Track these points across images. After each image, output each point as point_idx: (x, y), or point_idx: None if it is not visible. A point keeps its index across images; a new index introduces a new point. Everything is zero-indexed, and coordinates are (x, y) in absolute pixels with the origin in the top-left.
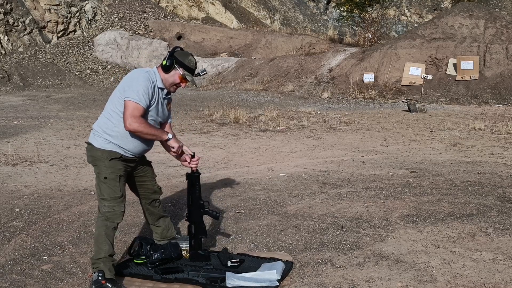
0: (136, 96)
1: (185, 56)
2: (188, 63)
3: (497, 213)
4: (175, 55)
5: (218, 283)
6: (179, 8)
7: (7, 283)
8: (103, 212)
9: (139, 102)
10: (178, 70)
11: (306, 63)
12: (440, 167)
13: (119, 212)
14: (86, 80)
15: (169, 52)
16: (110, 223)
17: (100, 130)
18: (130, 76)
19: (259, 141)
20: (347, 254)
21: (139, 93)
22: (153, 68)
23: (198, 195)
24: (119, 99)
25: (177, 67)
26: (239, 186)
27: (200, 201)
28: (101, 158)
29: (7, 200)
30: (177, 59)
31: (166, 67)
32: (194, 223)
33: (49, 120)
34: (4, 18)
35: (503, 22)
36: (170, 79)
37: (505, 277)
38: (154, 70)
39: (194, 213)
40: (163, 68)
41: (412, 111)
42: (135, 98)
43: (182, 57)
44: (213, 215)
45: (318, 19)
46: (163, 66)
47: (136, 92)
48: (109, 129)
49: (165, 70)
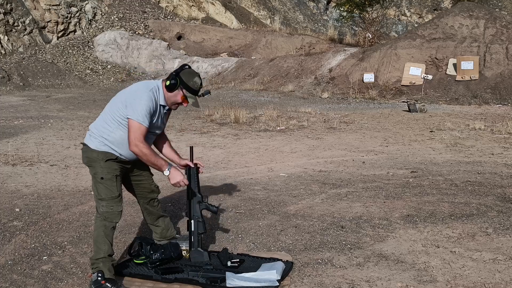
0: (140, 118)
1: (191, 77)
2: (192, 84)
3: (497, 213)
4: (180, 75)
5: (218, 283)
6: (179, 8)
7: (7, 283)
8: (102, 212)
9: (143, 123)
10: (181, 90)
11: (306, 63)
12: (440, 167)
13: (117, 212)
14: (86, 80)
15: (176, 71)
16: (109, 223)
17: (97, 132)
18: (134, 90)
19: (259, 141)
20: (347, 254)
21: (142, 114)
22: (159, 81)
23: (197, 189)
24: (120, 110)
25: (181, 87)
26: (239, 186)
27: (199, 195)
28: (96, 159)
29: (7, 200)
30: (182, 80)
31: (169, 87)
32: (193, 217)
33: (49, 120)
34: (4, 18)
35: (503, 22)
36: (172, 98)
37: (505, 277)
38: (159, 85)
39: (193, 207)
40: (167, 87)
41: (412, 111)
42: (139, 119)
43: (187, 78)
44: (212, 210)
45: (318, 19)
46: (166, 85)
47: (139, 113)
48: (106, 133)
49: (168, 90)
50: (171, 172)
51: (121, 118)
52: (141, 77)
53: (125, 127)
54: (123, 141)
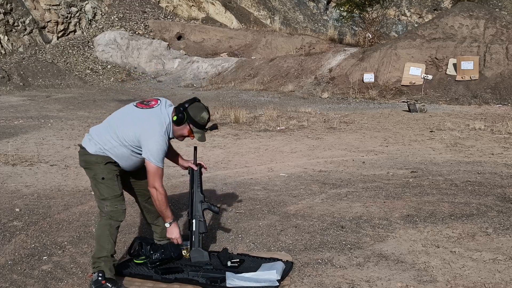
0: (159, 162)
1: (198, 112)
2: (199, 120)
3: (497, 213)
4: (188, 109)
5: (218, 283)
6: (179, 8)
7: (7, 283)
8: (107, 211)
9: (160, 166)
10: (188, 125)
11: (306, 63)
12: (440, 167)
13: (122, 210)
14: (86, 80)
15: (184, 105)
16: (114, 222)
17: (98, 140)
18: (148, 128)
19: (259, 141)
20: (347, 254)
21: (159, 158)
22: (170, 112)
23: (199, 189)
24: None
25: (188, 122)
26: (239, 186)
27: (201, 195)
28: (95, 162)
29: (7, 200)
30: (189, 115)
31: (176, 121)
32: (195, 216)
33: (49, 120)
34: (4, 18)
35: (503, 22)
36: (179, 132)
37: (505, 277)
38: (169, 118)
39: (195, 207)
40: (174, 122)
41: (412, 111)
42: (158, 164)
43: (194, 113)
44: (214, 210)
45: (318, 19)
46: (173, 120)
47: (157, 157)
48: (108, 146)
49: (175, 124)
50: (171, 226)
51: (128, 144)
52: (141, 77)
53: (129, 149)
54: (124, 156)
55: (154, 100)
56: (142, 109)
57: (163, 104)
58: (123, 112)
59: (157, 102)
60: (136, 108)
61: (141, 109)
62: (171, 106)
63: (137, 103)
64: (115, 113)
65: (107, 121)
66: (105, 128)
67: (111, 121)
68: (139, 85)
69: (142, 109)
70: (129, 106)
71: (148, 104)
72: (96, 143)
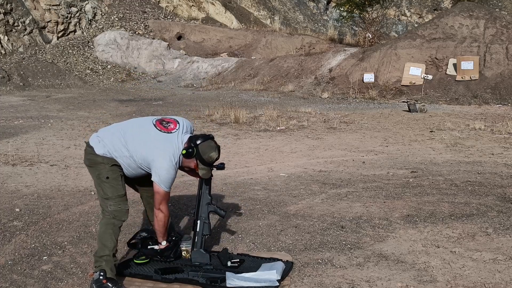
0: (167, 188)
1: (208, 151)
2: (207, 158)
3: (497, 213)
4: (199, 146)
5: (218, 283)
6: (179, 8)
7: (7, 283)
8: (110, 211)
9: (168, 191)
10: (196, 160)
11: (306, 63)
12: (440, 167)
13: (125, 210)
14: (86, 80)
15: (196, 141)
16: (117, 221)
17: (109, 144)
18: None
19: (259, 141)
20: (347, 254)
21: (168, 184)
22: (184, 140)
23: (208, 191)
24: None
25: (196, 157)
26: (239, 186)
27: (209, 197)
28: (101, 163)
29: (7, 200)
30: (198, 152)
31: (185, 155)
32: (200, 218)
33: (49, 120)
34: (4, 18)
35: (503, 22)
36: (186, 163)
37: (505, 277)
38: (180, 153)
39: (201, 208)
40: (183, 155)
41: (412, 111)
42: (166, 189)
43: (204, 150)
44: (220, 213)
45: (318, 19)
46: (183, 153)
47: (166, 183)
48: (118, 152)
49: (184, 157)
50: (164, 245)
51: (138, 161)
52: (141, 77)
53: (138, 164)
54: (131, 166)
55: (173, 123)
56: (160, 131)
57: (180, 130)
58: (139, 126)
59: (176, 126)
60: (154, 128)
61: (159, 131)
62: (187, 134)
63: (156, 122)
64: (131, 123)
65: (121, 129)
66: (118, 136)
67: (125, 130)
68: (139, 85)
69: (160, 132)
70: (147, 122)
71: (167, 127)
72: (105, 146)
